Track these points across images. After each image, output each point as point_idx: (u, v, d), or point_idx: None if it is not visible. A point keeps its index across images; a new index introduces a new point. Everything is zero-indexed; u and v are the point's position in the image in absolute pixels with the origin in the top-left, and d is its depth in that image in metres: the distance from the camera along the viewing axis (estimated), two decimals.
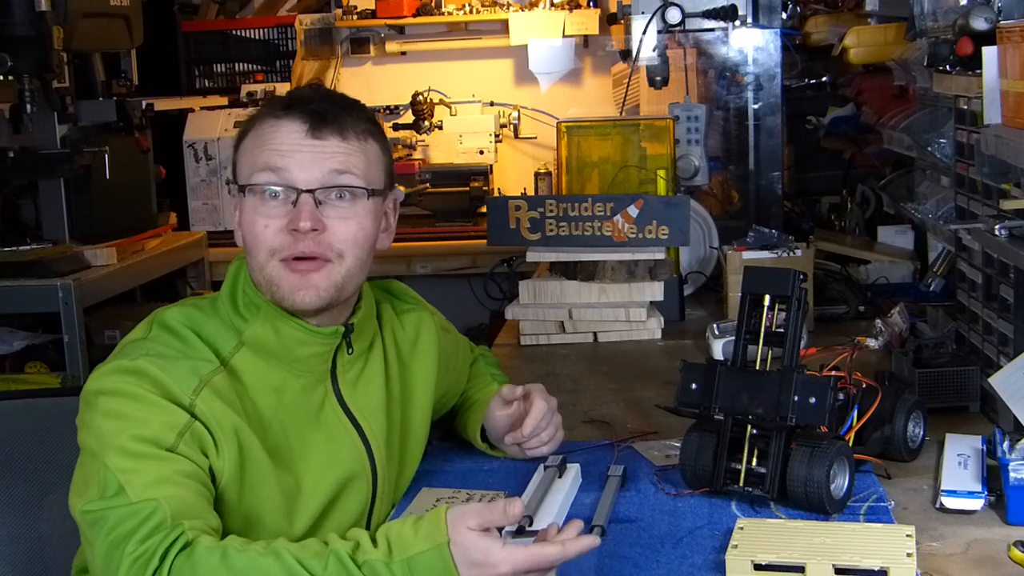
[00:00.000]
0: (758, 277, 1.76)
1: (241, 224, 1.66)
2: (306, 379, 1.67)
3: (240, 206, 1.66)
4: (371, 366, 1.76)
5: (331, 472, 1.68)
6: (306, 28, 5.16)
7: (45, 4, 3.29)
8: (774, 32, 3.28)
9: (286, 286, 1.62)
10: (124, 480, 1.45)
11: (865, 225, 3.56)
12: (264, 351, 1.64)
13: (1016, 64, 1.84)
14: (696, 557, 1.55)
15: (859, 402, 1.80)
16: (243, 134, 1.68)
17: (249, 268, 1.66)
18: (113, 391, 1.53)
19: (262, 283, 1.64)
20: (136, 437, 1.48)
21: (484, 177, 4.83)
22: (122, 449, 1.47)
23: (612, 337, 2.76)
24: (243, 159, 1.66)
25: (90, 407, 1.54)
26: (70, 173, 3.58)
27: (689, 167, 3.21)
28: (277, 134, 1.62)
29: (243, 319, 1.65)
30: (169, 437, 1.50)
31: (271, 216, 1.61)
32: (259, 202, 1.62)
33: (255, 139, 1.64)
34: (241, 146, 1.67)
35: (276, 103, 1.67)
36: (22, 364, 3.60)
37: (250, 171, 1.63)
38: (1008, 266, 1.94)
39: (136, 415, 1.51)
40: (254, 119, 1.67)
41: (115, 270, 3.62)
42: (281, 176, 1.61)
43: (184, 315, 1.65)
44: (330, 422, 1.69)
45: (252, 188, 1.62)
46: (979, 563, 1.50)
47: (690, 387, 1.76)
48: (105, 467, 1.46)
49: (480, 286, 3.74)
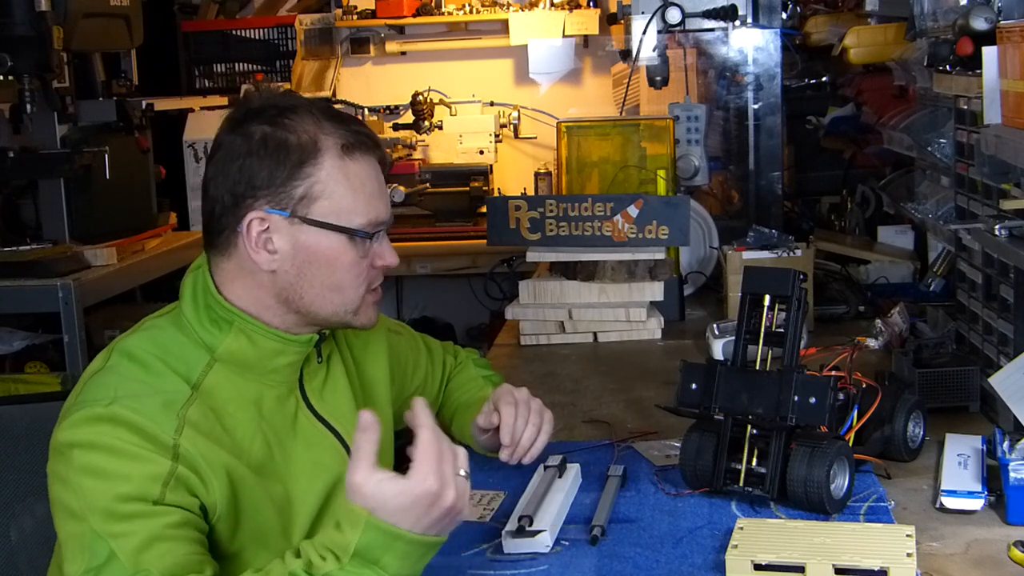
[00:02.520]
0: (758, 277, 1.76)
1: (335, 263, 1.62)
2: (279, 390, 1.66)
3: (330, 244, 1.61)
4: (333, 372, 1.76)
5: (318, 479, 1.67)
6: (306, 28, 5.16)
7: (45, 4, 3.29)
8: (774, 32, 3.28)
9: (371, 314, 1.68)
10: (114, 546, 1.42)
11: (865, 225, 3.56)
12: (240, 364, 1.62)
13: (1016, 64, 1.84)
14: (696, 557, 1.55)
15: (859, 402, 1.80)
16: (309, 161, 1.59)
17: (316, 298, 1.62)
18: (89, 444, 1.47)
19: (336, 311, 1.64)
20: (120, 497, 1.44)
21: (484, 177, 4.82)
22: (107, 512, 1.43)
23: (612, 337, 2.76)
24: (336, 197, 1.60)
25: (64, 460, 1.48)
26: (70, 173, 3.58)
27: (689, 167, 3.21)
28: (371, 178, 1.63)
29: (214, 335, 1.61)
30: (155, 490, 1.46)
31: (370, 255, 1.64)
32: (362, 245, 1.62)
33: (344, 178, 1.60)
34: (319, 176, 1.59)
35: (348, 136, 1.62)
36: (22, 364, 3.60)
37: (358, 216, 1.61)
38: (1008, 266, 1.94)
39: (117, 471, 1.46)
40: (321, 148, 1.60)
41: (115, 270, 3.62)
42: (384, 219, 1.64)
43: (147, 340, 1.60)
44: (306, 430, 1.69)
45: (370, 235, 1.62)
46: (979, 563, 1.51)
47: (690, 387, 1.76)
48: (93, 532, 1.43)
49: (480, 286, 3.74)
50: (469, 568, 1.56)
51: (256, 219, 1.59)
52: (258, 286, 1.63)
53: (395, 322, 2.02)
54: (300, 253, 1.61)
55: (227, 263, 1.63)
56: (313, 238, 1.60)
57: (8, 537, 1.94)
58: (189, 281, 1.66)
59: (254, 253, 1.60)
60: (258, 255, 1.60)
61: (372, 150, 1.64)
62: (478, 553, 1.61)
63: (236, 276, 1.63)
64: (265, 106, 1.62)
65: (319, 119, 1.61)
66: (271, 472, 1.62)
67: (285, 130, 1.59)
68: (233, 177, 1.59)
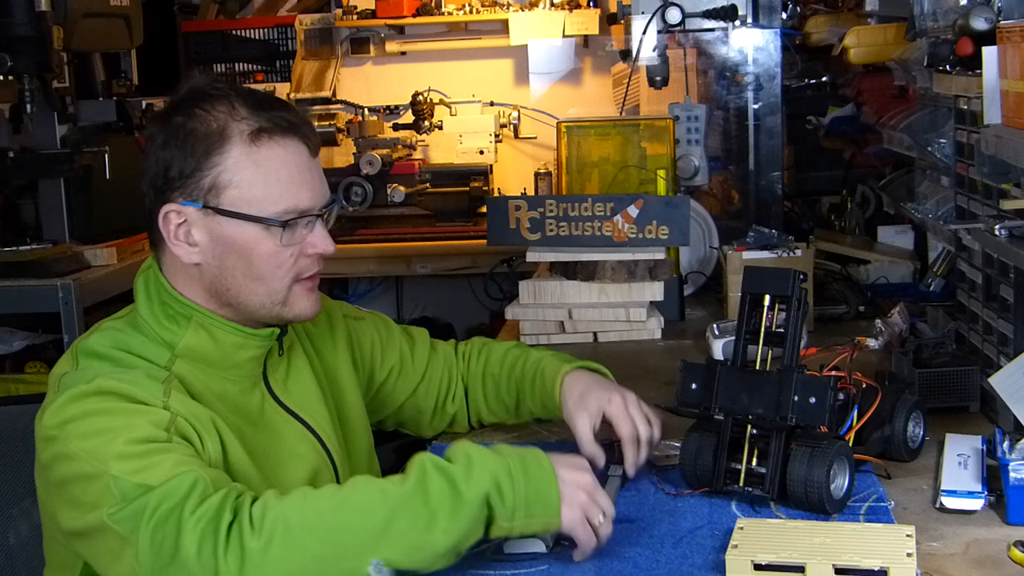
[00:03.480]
0: (758, 277, 1.76)
1: (252, 254, 1.58)
2: (242, 384, 1.65)
3: (244, 234, 1.58)
4: (295, 363, 1.75)
5: (298, 469, 1.67)
6: (306, 28, 5.16)
7: (45, 4, 3.29)
8: (774, 32, 3.28)
9: (304, 305, 1.64)
10: (140, 479, 1.38)
11: (865, 225, 3.56)
12: (201, 359, 1.60)
13: (1016, 64, 1.84)
14: (696, 557, 1.55)
15: (859, 402, 1.80)
16: (215, 150, 1.56)
17: (241, 289, 1.60)
18: (83, 414, 1.45)
19: (264, 303, 1.61)
20: (131, 440, 1.42)
21: (484, 177, 4.82)
22: (122, 455, 1.40)
23: (612, 337, 2.76)
24: (245, 186, 1.56)
25: (59, 440, 1.45)
26: (70, 173, 3.58)
27: (689, 167, 3.21)
28: (288, 163, 1.58)
29: (172, 331, 1.60)
30: (161, 433, 1.45)
31: (295, 243, 1.61)
32: (289, 234, 1.59)
33: (253, 164, 1.56)
34: (225, 165, 1.56)
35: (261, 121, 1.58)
36: (22, 364, 3.60)
37: (272, 204, 1.57)
38: (1008, 266, 1.94)
39: (119, 425, 1.44)
40: (229, 135, 1.56)
41: (115, 270, 3.62)
42: (306, 206, 1.60)
43: (107, 338, 1.59)
44: (274, 422, 1.68)
45: (288, 223, 1.58)
46: (979, 563, 1.50)
47: (690, 387, 1.76)
48: (113, 478, 1.39)
49: (480, 286, 3.74)
50: (469, 568, 1.55)
51: (172, 211, 1.58)
52: (192, 280, 1.61)
53: (357, 309, 1.98)
54: (218, 244, 1.58)
55: (166, 258, 1.62)
56: (227, 228, 1.57)
57: (6, 539, 1.94)
58: (140, 281, 1.64)
59: (174, 246, 1.59)
60: (179, 248, 1.58)
61: (288, 133, 1.59)
62: (478, 553, 1.60)
63: (176, 271, 1.62)
64: (186, 96, 1.60)
65: (234, 106, 1.58)
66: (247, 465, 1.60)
67: (196, 120, 1.57)
68: (152, 170, 1.59)
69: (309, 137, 1.64)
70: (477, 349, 2.06)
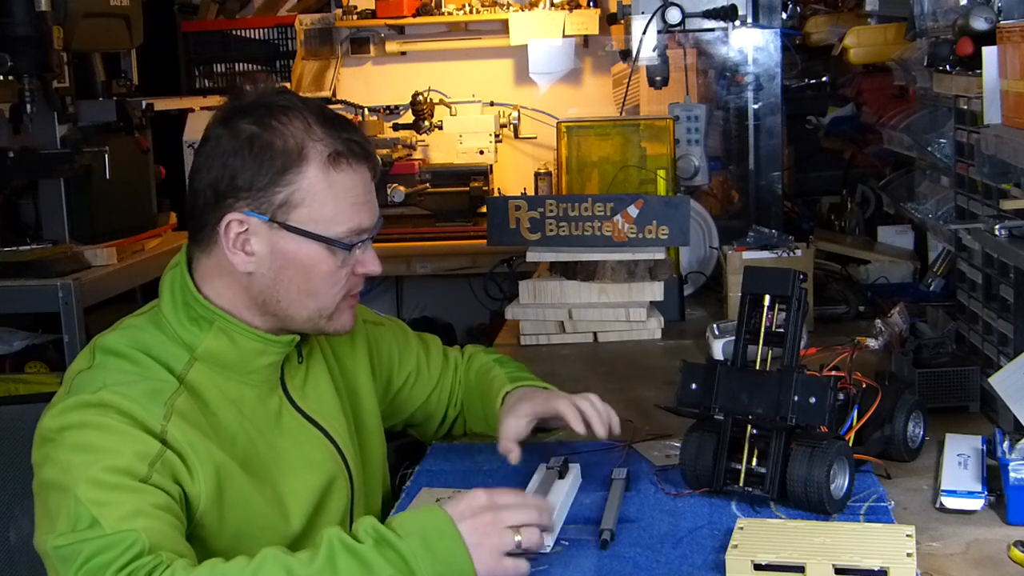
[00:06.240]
0: (758, 277, 1.76)
1: (312, 271, 1.60)
2: (260, 389, 1.66)
3: (308, 252, 1.60)
4: (314, 369, 1.76)
5: (312, 476, 1.67)
6: (306, 28, 5.16)
7: (45, 4, 3.29)
8: (774, 32, 3.28)
9: (345, 319, 1.68)
10: (98, 513, 1.40)
11: (865, 225, 3.56)
12: (220, 363, 1.61)
13: (1016, 64, 1.84)
14: (696, 557, 1.55)
15: (859, 402, 1.80)
16: (292, 168, 1.57)
17: (292, 303, 1.62)
18: (79, 424, 1.48)
19: (311, 317, 1.63)
20: (109, 468, 1.43)
21: (484, 177, 4.82)
22: (94, 481, 1.42)
23: (612, 337, 2.76)
24: (317, 206, 1.58)
25: (52, 444, 1.48)
26: (70, 173, 3.58)
27: (689, 167, 3.21)
28: (356, 187, 1.61)
29: (194, 333, 1.61)
30: (142, 468, 1.46)
31: (350, 263, 1.64)
32: (342, 254, 1.61)
33: (327, 187, 1.58)
34: (300, 184, 1.57)
35: (337, 144, 1.59)
36: (22, 364, 3.60)
37: (338, 225, 1.59)
38: (1008, 266, 1.94)
39: (107, 445, 1.46)
40: (307, 156, 1.57)
41: (115, 270, 3.62)
42: (366, 227, 1.63)
43: (127, 337, 1.60)
44: (292, 428, 1.68)
45: (349, 246, 1.61)
46: (979, 563, 1.51)
47: (690, 387, 1.76)
48: (76, 500, 1.41)
49: (480, 286, 3.73)
50: None
51: (235, 220, 1.58)
52: (236, 286, 1.62)
53: (376, 314, 2.00)
54: (277, 258, 1.59)
55: (207, 260, 1.63)
56: (291, 244, 1.59)
57: (7, 538, 1.94)
58: (167, 279, 1.65)
59: (231, 254, 1.59)
60: (235, 256, 1.59)
61: (362, 160, 1.61)
62: None
63: (216, 274, 1.62)
64: (257, 104, 1.59)
65: (310, 124, 1.58)
66: (257, 468, 1.61)
67: (272, 133, 1.56)
68: (216, 173, 1.58)
69: (376, 162, 1.67)
70: (466, 358, 2.08)
